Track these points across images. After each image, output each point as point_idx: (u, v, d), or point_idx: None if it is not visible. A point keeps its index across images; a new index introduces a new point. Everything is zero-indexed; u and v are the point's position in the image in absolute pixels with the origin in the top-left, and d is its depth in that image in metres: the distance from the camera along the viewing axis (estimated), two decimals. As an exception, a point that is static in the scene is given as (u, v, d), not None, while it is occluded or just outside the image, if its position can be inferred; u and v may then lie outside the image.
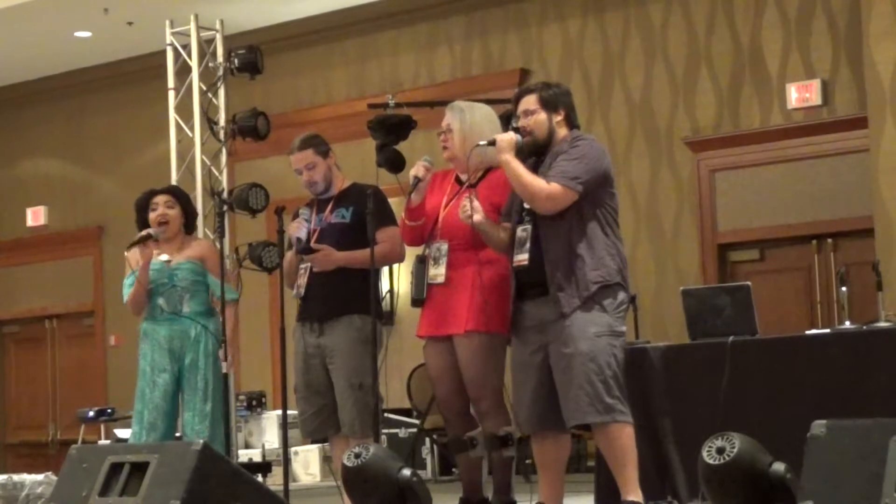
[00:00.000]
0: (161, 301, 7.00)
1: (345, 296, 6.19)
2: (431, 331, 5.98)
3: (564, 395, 5.38)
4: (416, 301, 6.03)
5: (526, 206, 5.54)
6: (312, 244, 6.25)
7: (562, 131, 5.56)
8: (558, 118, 5.55)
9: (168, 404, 6.99)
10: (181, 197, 7.24)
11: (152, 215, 7.05)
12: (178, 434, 7.11)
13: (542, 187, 5.38)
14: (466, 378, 5.85)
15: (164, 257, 7.03)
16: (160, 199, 7.09)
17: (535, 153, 5.58)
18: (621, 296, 5.47)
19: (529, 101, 5.56)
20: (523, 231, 5.54)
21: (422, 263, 6.01)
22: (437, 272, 5.93)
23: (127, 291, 7.01)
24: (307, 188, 6.43)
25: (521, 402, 5.55)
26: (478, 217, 5.61)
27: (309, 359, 6.28)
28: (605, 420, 5.37)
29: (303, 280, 6.35)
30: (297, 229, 6.31)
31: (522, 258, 5.52)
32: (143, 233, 6.96)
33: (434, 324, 5.96)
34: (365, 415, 6.09)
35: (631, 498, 5.38)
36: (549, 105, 5.54)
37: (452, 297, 5.88)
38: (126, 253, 7.10)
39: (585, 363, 5.33)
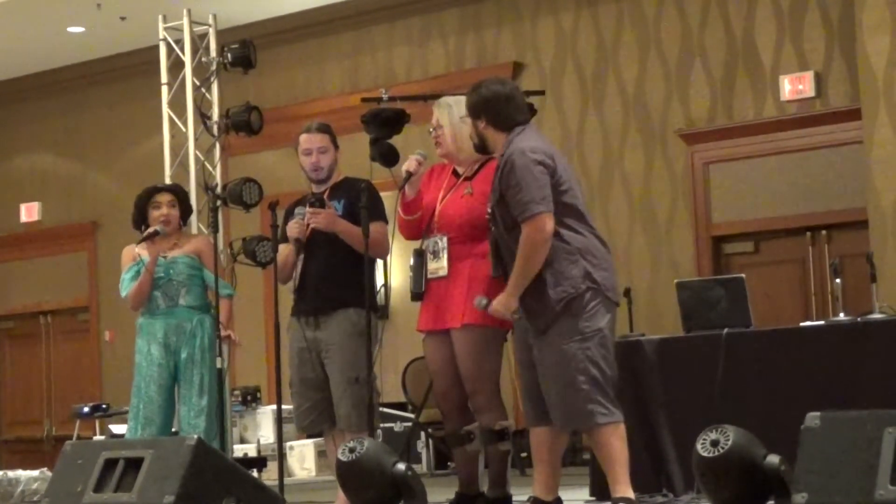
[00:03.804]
0: (158, 295, 7.02)
1: (339, 289, 6.18)
2: (430, 325, 5.97)
3: (547, 402, 5.39)
4: (416, 295, 6.02)
5: (489, 211, 5.51)
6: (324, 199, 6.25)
7: (492, 135, 5.51)
8: (482, 125, 5.52)
9: (164, 399, 6.99)
10: (182, 196, 7.28)
11: (155, 213, 7.07)
12: (174, 429, 7.12)
13: (528, 239, 5.26)
14: (463, 372, 5.85)
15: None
16: (164, 199, 7.12)
17: (483, 153, 5.68)
18: (589, 296, 5.32)
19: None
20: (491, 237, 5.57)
21: (420, 257, 6.01)
22: (439, 265, 5.92)
23: (128, 286, 7.02)
24: (309, 172, 6.38)
25: (523, 397, 5.60)
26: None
27: (304, 353, 6.27)
28: (587, 426, 5.37)
29: (296, 273, 6.35)
30: (298, 231, 6.29)
31: (494, 267, 5.56)
32: (152, 229, 6.99)
33: (432, 318, 5.96)
34: (361, 408, 6.08)
35: (620, 494, 5.34)
36: (472, 113, 5.54)
37: (450, 290, 5.88)
38: (129, 248, 7.12)
39: (556, 375, 5.31)
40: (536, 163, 5.31)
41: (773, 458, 4.56)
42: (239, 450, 10.14)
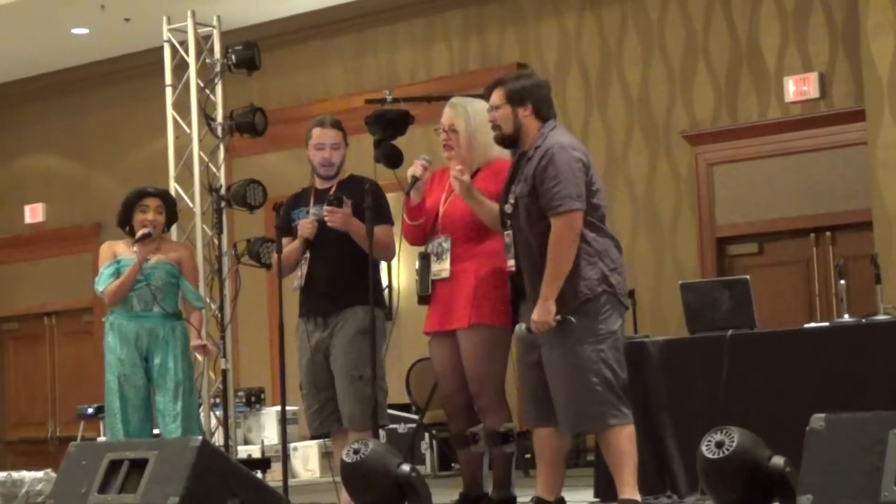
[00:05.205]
0: (134, 297, 7.02)
1: (347, 289, 6.19)
2: (436, 326, 5.97)
3: (556, 403, 5.38)
4: (423, 299, 6.02)
5: (507, 209, 5.52)
6: (343, 198, 6.23)
7: (531, 124, 5.48)
8: (525, 112, 5.48)
9: (140, 399, 7.02)
10: (170, 203, 7.28)
11: (141, 216, 7.06)
12: (156, 431, 7.15)
13: (558, 236, 5.26)
14: (468, 372, 5.85)
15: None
16: (153, 203, 7.11)
17: (507, 146, 5.60)
18: (605, 299, 5.35)
19: (496, 97, 5.52)
20: (507, 237, 5.56)
21: (425, 260, 6.01)
22: (442, 267, 5.92)
23: (106, 280, 7.02)
24: (319, 167, 6.38)
25: (525, 398, 5.59)
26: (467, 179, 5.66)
27: (314, 353, 6.28)
28: (599, 428, 5.37)
29: (301, 271, 6.36)
30: (311, 231, 6.29)
31: (510, 264, 5.55)
32: (146, 230, 7.00)
33: (439, 319, 5.96)
34: (366, 406, 6.08)
35: (627, 496, 5.33)
36: (514, 99, 5.47)
37: (455, 291, 5.88)
38: (108, 244, 7.14)
39: (569, 377, 5.30)
40: (577, 160, 5.35)
41: (778, 460, 4.56)
42: (243, 451, 10.14)
